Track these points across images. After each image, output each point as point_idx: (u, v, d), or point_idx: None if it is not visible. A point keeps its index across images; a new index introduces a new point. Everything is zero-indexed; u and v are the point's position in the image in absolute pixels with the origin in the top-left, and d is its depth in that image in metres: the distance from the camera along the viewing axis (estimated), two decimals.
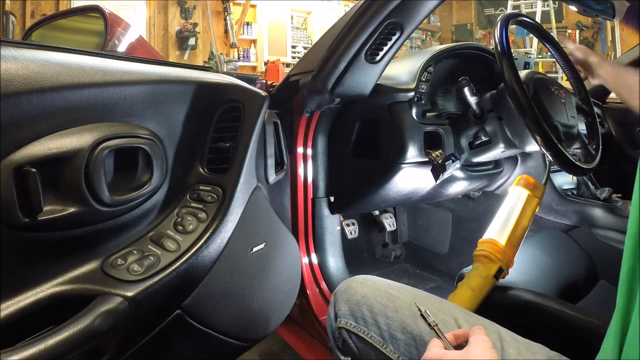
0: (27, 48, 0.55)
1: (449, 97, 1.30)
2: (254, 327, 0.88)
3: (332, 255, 1.26)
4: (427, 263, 1.81)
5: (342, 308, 0.73)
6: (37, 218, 0.53)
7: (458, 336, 0.57)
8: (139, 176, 0.66)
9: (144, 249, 0.66)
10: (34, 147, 0.53)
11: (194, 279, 0.70)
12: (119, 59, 0.68)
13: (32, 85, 0.51)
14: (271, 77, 5.33)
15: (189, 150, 0.76)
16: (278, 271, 0.93)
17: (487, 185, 1.48)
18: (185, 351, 0.76)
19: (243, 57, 6.24)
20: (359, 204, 1.27)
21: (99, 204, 0.59)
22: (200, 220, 0.72)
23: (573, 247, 1.31)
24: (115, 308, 0.58)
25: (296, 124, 1.18)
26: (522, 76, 1.00)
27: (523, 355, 0.61)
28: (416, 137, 1.10)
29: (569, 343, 0.72)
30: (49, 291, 0.56)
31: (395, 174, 1.12)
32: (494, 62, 1.26)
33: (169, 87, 0.71)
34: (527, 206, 0.99)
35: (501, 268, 0.93)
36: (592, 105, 1.18)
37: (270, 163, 0.92)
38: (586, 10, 1.19)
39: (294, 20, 6.72)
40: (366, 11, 0.97)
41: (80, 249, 0.61)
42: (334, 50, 1.02)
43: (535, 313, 0.86)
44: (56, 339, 0.51)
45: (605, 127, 1.63)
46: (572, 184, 1.51)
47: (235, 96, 0.80)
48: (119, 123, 0.63)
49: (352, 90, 1.09)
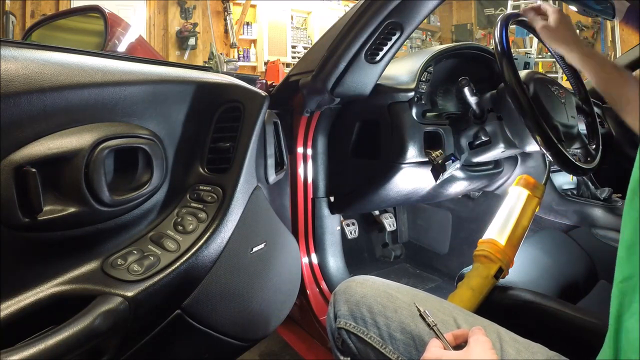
0: (27, 48, 0.55)
1: (449, 97, 1.30)
2: (254, 327, 0.89)
3: (332, 255, 1.26)
4: (427, 263, 1.81)
5: (342, 308, 0.73)
6: (37, 218, 0.53)
7: (457, 336, 0.56)
8: (139, 176, 0.66)
9: (144, 249, 0.66)
10: (34, 147, 0.53)
11: (194, 279, 0.70)
12: (119, 59, 0.68)
13: (32, 85, 0.51)
14: (271, 77, 5.33)
15: (189, 150, 0.76)
16: (278, 271, 0.93)
17: (487, 185, 1.48)
18: (185, 351, 0.76)
19: (243, 57, 6.24)
20: (359, 204, 1.27)
21: (99, 204, 0.59)
22: (200, 220, 0.72)
23: (573, 247, 1.31)
24: (115, 308, 0.58)
25: (296, 124, 1.18)
26: (522, 76, 1.00)
27: (522, 355, 0.61)
28: (416, 137, 1.10)
29: (569, 343, 0.72)
30: (49, 291, 0.56)
31: (395, 174, 1.12)
32: (494, 62, 1.26)
33: (169, 87, 0.71)
34: (527, 206, 0.99)
35: (501, 268, 0.93)
36: (592, 105, 1.18)
37: (270, 163, 0.92)
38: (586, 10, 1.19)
39: (294, 20, 6.71)
40: (366, 11, 0.97)
41: (80, 249, 0.61)
42: (334, 50, 1.02)
43: (535, 313, 0.86)
44: (56, 339, 0.51)
45: (605, 127, 1.63)
46: (572, 184, 1.51)
47: (235, 96, 0.80)
48: (119, 123, 0.63)
49: (352, 90, 1.09)
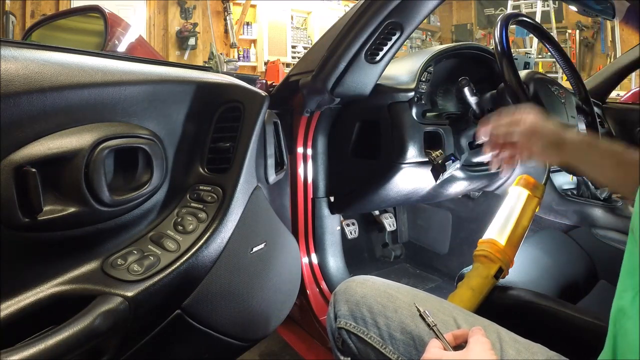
0: (27, 48, 0.55)
1: (449, 97, 1.30)
2: (254, 327, 0.88)
3: (332, 255, 1.26)
4: (427, 263, 1.81)
5: (342, 308, 0.73)
6: (37, 218, 0.53)
7: (457, 336, 0.56)
8: (139, 176, 0.65)
9: (144, 249, 0.66)
10: (34, 147, 0.53)
11: (194, 279, 0.70)
12: (119, 59, 0.68)
13: (32, 85, 0.51)
14: (271, 77, 5.33)
15: (189, 150, 0.76)
16: (278, 271, 0.93)
17: (487, 185, 1.48)
18: (185, 351, 0.76)
19: (243, 57, 6.24)
20: (359, 204, 1.27)
21: (99, 204, 0.59)
22: (200, 220, 0.72)
23: (573, 247, 1.31)
24: (115, 308, 0.58)
25: (296, 124, 1.18)
26: (522, 76, 1.00)
27: (522, 355, 0.61)
28: (416, 137, 1.10)
29: (569, 343, 0.72)
30: (49, 291, 0.56)
31: (395, 174, 1.12)
32: (494, 62, 1.26)
33: (169, 87, 0.71)
34: (527, 206, 0.99)
35: (501, 268, 0.93)
36: (592, 105, 1.19)
37: (270, 163, 0.92)
38: (586, 10, 1.19)
39: (294, 20, 6.72)
40: (366, 11, 0.97)
41: (80, 249, 0.61)
42: (334, 50, 1.02)
43: (535, 313, 0.86)
44: (56, 339, 0.51)
45: (605, 127, 1.63)
46: (572, 184, 1.51)
47: (235, 96, 0.80)
48: (119, 123, 0.63)
49: (352, 90, 1.09)
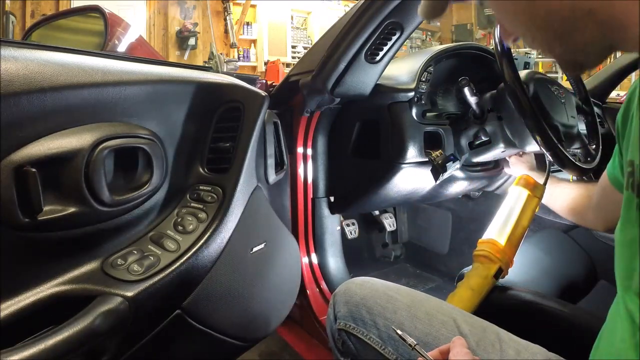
0: (27, 48, 0.55)
1: (449, 97, 1.30)
2: (254, 327, 0.89)
3: (332, 255, 1.26)
4: (427, 263, 1.81)
5: (342, 310, 0.73)
6: (37, 218, 0.53)
7: (443, 352, 0.55)
8: (139, 176, 0.66)
9: (144, 249, 0.66)
10: (34, 147, 0.53)
11: (194, 279, 0.70)
12: (119, 59, 0.68)
13: (32, 85, 0.51)
14: (271, 77, 5.33)
15: (189, 150, 0.76)
16: (278, 271, 0.93)
17: (487, 185, 1.48)
18: (185, 351, 0.76)
19: (243, 57, 6.23)
20: (359, 204, 1.27)
21: (99, 204, 0.59)
22: (200, 220, 0.72)
23: (573, 247, 1.31)
24: (115, 308, 0.58)
25: (296, 124, 1.18)
26: (522, 76, 1.00)
27: (522, 356, 0.61)
28: (416, 137, 1.10)
29: (568, 343, 0.72)
30: (49, 291, 0.56)
31: (395, 174, 1.12)
32: (494, 62, 1.26)
33: (169, 87, 0.71)
34: (527, 206, 0.99)
35: (501, 268, 0.93)
36: (592, 105, 1.18)
37: (270, 163, 0.92)
38: None
39: (294, 20, 6.71)
40: (366, 11, 0.96)
41: (80, 249, 0.61)
42: (334, 50, 1.02)
43: (535, 313, 0.85)
44: (56, 339, 0.51)
45: (605, 127, 1.63)
46: None
47: (235, 96, 0.80)
48: (119, 123, 0.63)
49: (352, 90, 1.09)
